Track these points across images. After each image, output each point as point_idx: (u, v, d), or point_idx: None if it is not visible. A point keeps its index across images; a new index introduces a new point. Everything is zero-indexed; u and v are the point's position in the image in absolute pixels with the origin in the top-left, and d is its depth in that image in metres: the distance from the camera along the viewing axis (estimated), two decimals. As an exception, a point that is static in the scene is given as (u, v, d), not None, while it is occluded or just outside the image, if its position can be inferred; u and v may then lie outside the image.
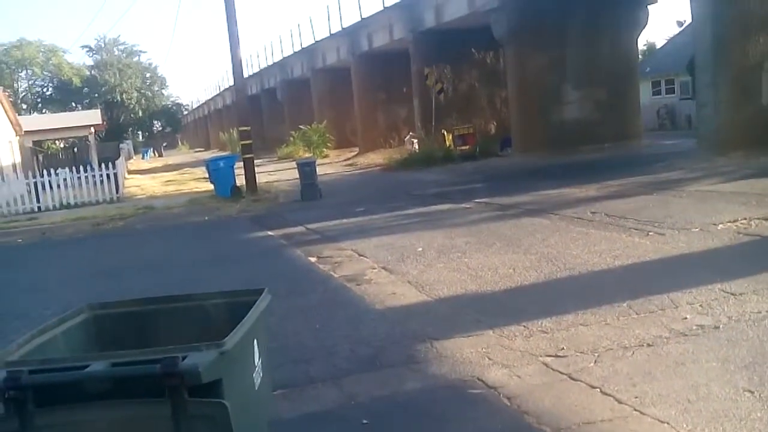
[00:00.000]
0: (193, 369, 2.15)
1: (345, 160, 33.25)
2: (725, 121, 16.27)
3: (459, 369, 4.78)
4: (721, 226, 8.53)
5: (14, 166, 27.83)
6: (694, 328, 5.07)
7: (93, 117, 38.03)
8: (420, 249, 9.14)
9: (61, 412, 2.22)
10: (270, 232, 12.58)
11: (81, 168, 21.96)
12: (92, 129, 36.84)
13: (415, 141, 28.03)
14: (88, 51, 75.95)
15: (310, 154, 31.44)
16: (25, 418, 2.21)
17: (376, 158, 29.55)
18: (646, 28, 24.88)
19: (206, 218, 15.83)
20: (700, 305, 5.56)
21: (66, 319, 2.88)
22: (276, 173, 27.45)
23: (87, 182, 21.79)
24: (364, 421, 4.10)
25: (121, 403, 2.22)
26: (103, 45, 75.15)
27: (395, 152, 27.65)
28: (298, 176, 17.95)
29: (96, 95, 69.58)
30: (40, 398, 2.23)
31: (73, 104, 68.77)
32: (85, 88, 70.40)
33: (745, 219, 8.74)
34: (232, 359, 2.34)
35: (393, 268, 8.25)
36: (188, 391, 2.17)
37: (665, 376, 4.27)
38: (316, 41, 38.67)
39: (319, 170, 19.16)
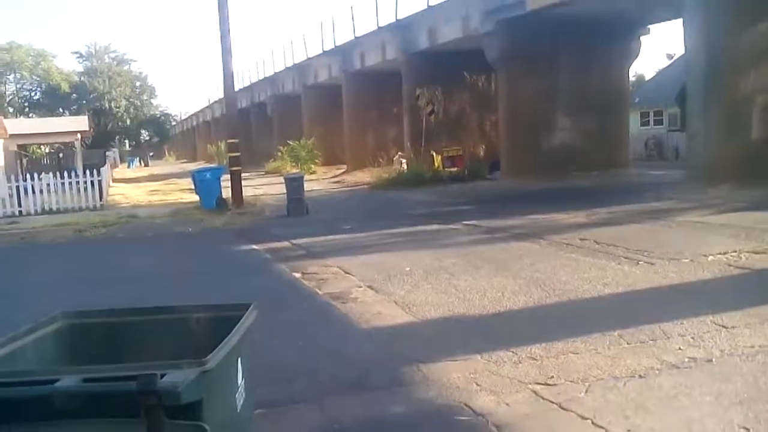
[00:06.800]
0: (172, 388, 1.99)
1: (333, 177, 33.12)
2: (715, 152, 16.26)
3: (446, 394, 4.64)
4: (711, 257, 8.47)
5: (-3, 169, 27.42)
6: (686, 360, 4.95)
7: (80, 123, 37.74)
8: (407, 269, 9.01)
9: (26, 430, 2.06)
10: (255, 246, 12.39)
11: (65, 173, 21.70)
12: (79, 135, 36.55)
13: (404, 161, 27.94)
14: (78, 57, 75.99)
15: (298, 170, 31.30)
16: (-13, 434, 2.06)
17: (364, 176, 29.43)
18: (637, 59, 25.14)
19: (190, 229, 15.62)
20: (692, 337, 5.45)
21: (38, 327, 2.71)
22: (263, 187, 27.26)
23: (71, 188, 21.52)
24: (347, 446, 3.94)
25: (93, 422, 2.06)
26: (93, 52, 75.13)
27: (383, 171, 27.52)
28: (285, 191, 17.78)
29: (84, 102, 69.45)
30: (5, 413, 2.06)
31: (61, 110, 68.49)
32: (74, 94, 70.30)
33: (735, 251, 8.68)
34: (214, 379, 2.19)
35: (379, 287, 8.10)
36: (166, 412, 2.02)
37: (658, 409, 4.15)
38: (309, 58, 38.60)
39: (307, 186, 19.02)
